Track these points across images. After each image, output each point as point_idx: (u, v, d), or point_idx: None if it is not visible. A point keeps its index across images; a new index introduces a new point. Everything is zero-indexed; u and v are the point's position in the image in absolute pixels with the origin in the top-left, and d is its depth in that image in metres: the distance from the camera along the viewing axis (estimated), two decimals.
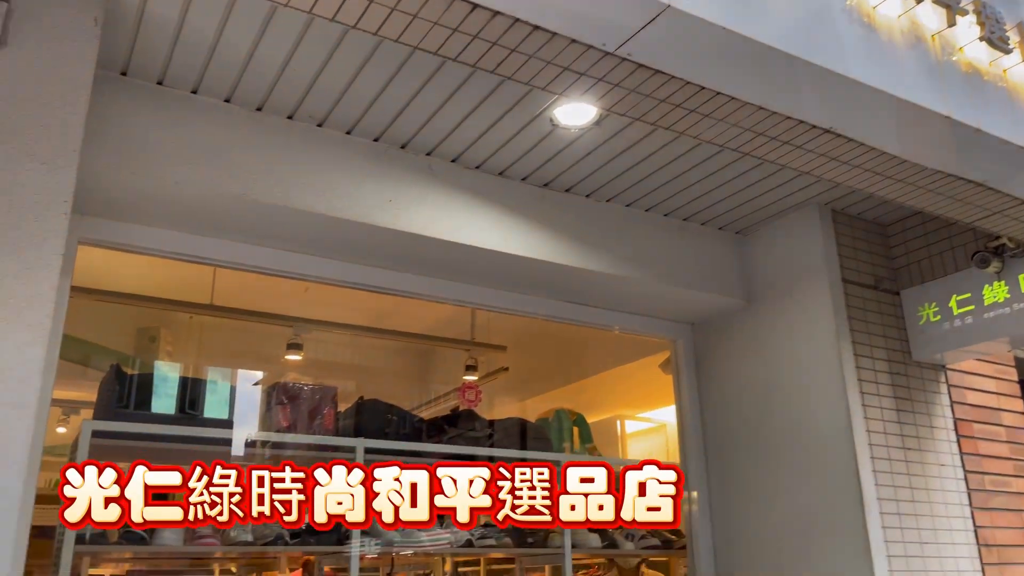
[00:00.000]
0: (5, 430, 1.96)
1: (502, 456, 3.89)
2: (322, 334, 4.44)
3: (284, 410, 3.44)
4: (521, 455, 3.92)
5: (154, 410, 3.28)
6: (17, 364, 2.01)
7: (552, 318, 3.92)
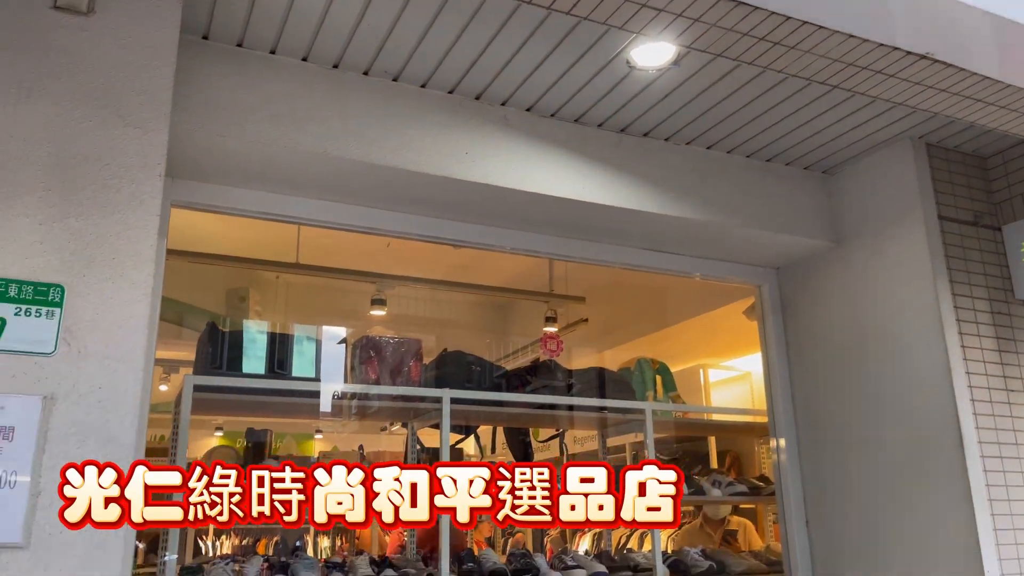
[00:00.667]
0: (116, 384, 2.07)
1: (585, 405, 3.91)
2: (404, 289, 4.52)
3: (371, 363, 3.53)
4: (604, 404, 3.93)
5: (245, 369, 3.40)
6: (124, 320, 2.11)
7: (632, 267, 3.88)
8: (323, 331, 3.71)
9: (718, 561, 4.00)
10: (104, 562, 1.95)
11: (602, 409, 3.93)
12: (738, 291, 4.42)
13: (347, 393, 3.52)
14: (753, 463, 5.52)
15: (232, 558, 3.30)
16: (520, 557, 3.71)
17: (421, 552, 3.81)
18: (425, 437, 3.98)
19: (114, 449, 2.02)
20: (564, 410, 3.95)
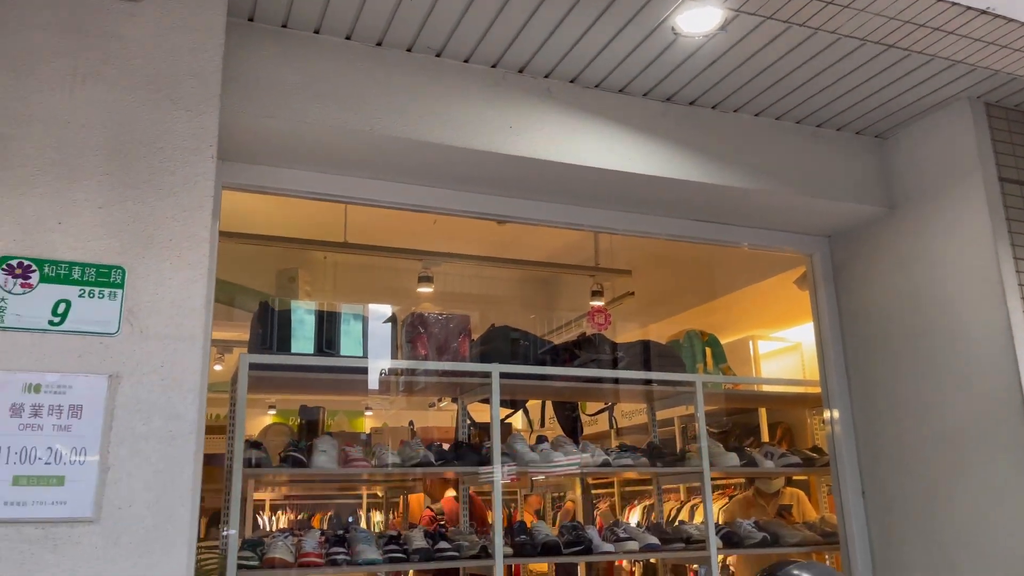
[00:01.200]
0: (177, 362, 2.13)
1: (634, 379, 3.90)
2: (450, 266, 4.54)
3: (420, 339, 3.56)
4: (654, 377, 3.91)
5: (295, 349, 3.44)
6: (182, 300, 2.16)
7: (679, 238, 3.84)
8: (371, 309, 3.74)
9: (771, 532, 3.98)
10: (171, 535, 2.01)
11: (651, 382, 3.91)
12: (789, 260, 4.34)
13: (396, 369, 3.56)
14: (805, 435, 5.46)
15: (290, 532, 3.37)
16: (572, 530, 3.73)
17: (473, 525, 3.86)
18: (475, 412, 4.01)
19: (178, 426, 2.08)
20: (612, 383, 3.94)
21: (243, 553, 3.18)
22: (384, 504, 6.05)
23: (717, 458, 3.93)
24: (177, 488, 2.04)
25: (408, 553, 3.36)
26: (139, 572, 1.96)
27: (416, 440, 3.62)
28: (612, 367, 3.87)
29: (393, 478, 5.49)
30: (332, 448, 3.41)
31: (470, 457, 3.57)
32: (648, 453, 3.93)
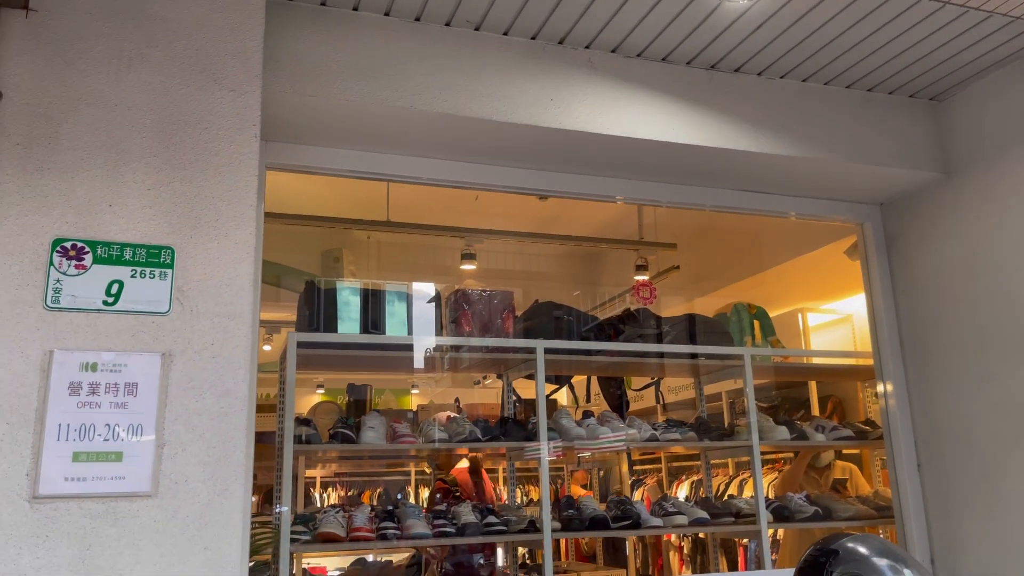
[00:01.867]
0: (227, 340, 2.16)
1: (681, 353, 3.85)
2: (493, 243, 4.53)
3: (465, 316, 3.56)
4: (701, 351, 3.86)
5: (341, 329, 3.47)
6: (231, 279, 2.19)
7: (725, 209, 3.77)
8: (415, 287, 3.75)
9: (823, 507, 3.92)
10: (226, 509, 2.05)
11: (698, 356, 3.86)
12: (839, 230, 4.24)
13: (441, 346, 3.57)
14: (857, 408, 5.36)
15: (341, 508, 3.43)
16: (620, 504, 3.72)
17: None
18: (520, 388, 4.01)
19: (229, 403, 2.11)
20: (658, 358, 3.90)
21: (296, 528, 3.24)
22: (432, 481, 6.11)
23: (767, 432, 3.88)
24: (230, 463, 2.07)
25: (457, 527, 3.39)
26: (197, 545, 2.00)
27: (462, 416, 3.64)
28: (658, 341, 3.83)
29: (440, 454, 5.55)
30: (380, 424, 3.44)
31: (516, 433, 3.57)
32: (696, 428, 3.89)
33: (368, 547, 3.24)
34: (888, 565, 2.03)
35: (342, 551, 4.90)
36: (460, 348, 3.57)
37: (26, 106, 2.11)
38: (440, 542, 3.41)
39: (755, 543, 5.93)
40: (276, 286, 4.32)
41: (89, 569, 1.90)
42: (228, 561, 2.00)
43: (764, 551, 3.64)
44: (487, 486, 4.43)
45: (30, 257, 2.03)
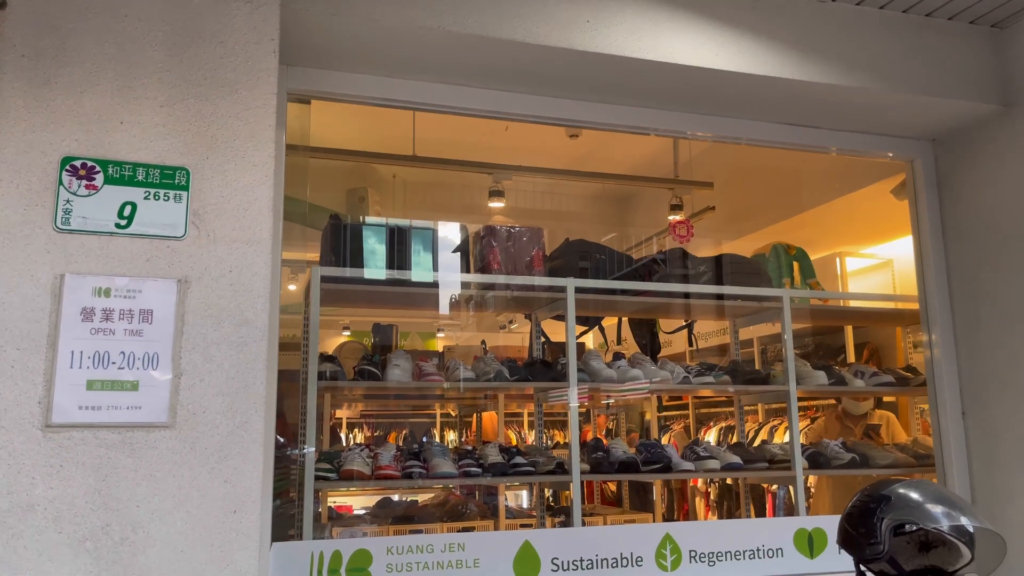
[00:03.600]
0: (245, 267, 2.06)
1: (717, 294, 3.71)
2: (522, 182, 4.38)
3: (493, 253, 3.44)
4: (738, 292, 3.72)
5: (367, 266, 3.36)
6: (248, 203, 2.08)
7: (768, 143, 3.59)
8: (441, 226, 3.63)
9: (860, 454, 3.81)
10: (246, 442, 1.97)
11: (735, 298, 3.72)
12: (885, 168, 4.04)
13: (469, 284, 3.46)
14: (895, 355, 5.20)
15: (367, 446, 3.38)
16: (650, 447, 3.63)
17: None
18: (548, 330, 3.90)
19: (248, 332, 2.02)
20: (693, 300, 3.75)
21: (320, 465, 3.20)
22: (458, 423, 6.09)
23: (804, 377, 3.75)
24: (250, 395, 1.99)
25: (484, 468, 3.32)
26: (217, 478, 1.93)
27: (490, 356, 3.54)
28: (694, 282, 3.69)
29: (466, 396, 5.49)
30: (406, 362, 3.36)
31: (544, 373, 3.48)
32: (730, 371, 3.77)
33: (393, 485, 3.19)
34: (943, 512, 1.91)
35: (368, 489, 4.90)
36: (488, 286, 3.45)
37: (31, 15, 1.98)
38: (465, 481, 3.35)
39: (783, 490, 5.84)
40: (302, 224, 4.20)
41: (105, 500, 1.84)
42: (248, 495, 1.93)
43: (799, 498, 3.54)
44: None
45: (38, 176, 1.93)
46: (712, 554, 3.21)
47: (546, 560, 3.03)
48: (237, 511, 1.92)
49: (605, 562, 3.09)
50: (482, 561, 2.95)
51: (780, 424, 6.05)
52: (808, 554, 3.34)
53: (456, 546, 2.94)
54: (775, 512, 5.99)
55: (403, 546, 2.88)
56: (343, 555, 2.81)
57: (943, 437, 3.55)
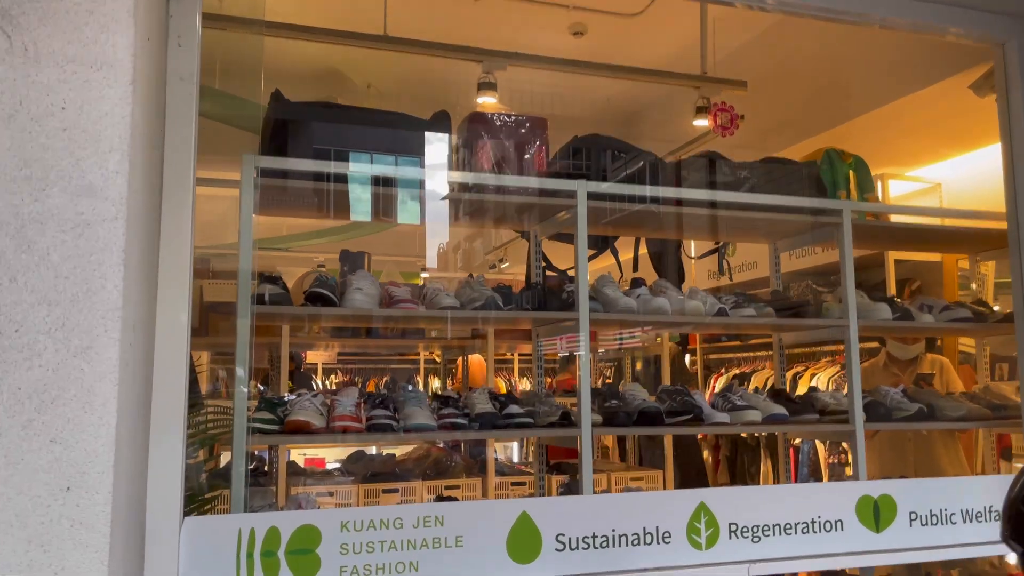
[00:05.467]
0: (90, 101, 1.30)
1: (767, 205, 2.96)
2: (519, 73, 3.59)
3: (483, 147, 2.68)
4: (792, 204, 2.98)
5: (319, 157, 2.58)
6: (98, 6, 1.31)
7: (819, 13, 2.81)
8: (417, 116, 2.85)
9: (927, 404, 3.13)
10: (87, 379, 1.25)
11: (786, 211, 2.97)
12: (961, 57, 3.30)
13: (451, 184, 2.71)
14: (940, 294, 4.53)
15: (321, 393, 2.67)
16: (675, 394, 2.94)
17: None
18: (548, 253, 3.18)
19: (93, 207, 1.27)
20: (732, 214, 2.99)
21: (259, 415, 2.49)
22: (442, 369, 5.40)
23: (863, 310, 3.05)
24: (96, 306, 1.25)
25: (470, 418, 2.62)
26: (37, 436, 1.21)
27: (479, 279, 2.81)
28: (735, 189, 2.95)
29: (452, 339, 4.78)
30: (371, 286, 2.63)
31: (547, 302, 2.76)
32: (773, 303, 3.06)
33: (355, 440, 2.51)
34: None
35: (335, 443, 4.21)
36: (476, 188, 2.69)
37: None
38: (447, 435, 2.66)
39: (808, 444, 5.20)
40: (230, 124, 3.35)
41: None
42: (91, 462, 1.21)
43: (859, 459, 2.87)
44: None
45: None
46: (756, 528, 2.54)
47: (549, 537, 2.34)
48: (72, 487, 1.21)
49: (624, 539, 2.41)
50: (467, 539, 2.26)
51: (804, 372, 5.39)
52: (874, 527, 2.67)
53: (433, 520, 2.25)
54: (798, 471, 5.37)
55: (362, 520, 2.18)
56: (282, 533, 2.11)
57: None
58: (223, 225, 3.40)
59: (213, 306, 3.97)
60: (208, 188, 2.87)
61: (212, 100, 2.32)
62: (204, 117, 1.91)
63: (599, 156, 2.84)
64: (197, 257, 1.81)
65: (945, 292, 4.64)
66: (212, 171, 3.02)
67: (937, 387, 3.79)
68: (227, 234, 3.42)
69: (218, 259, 3.94)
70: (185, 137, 1.74)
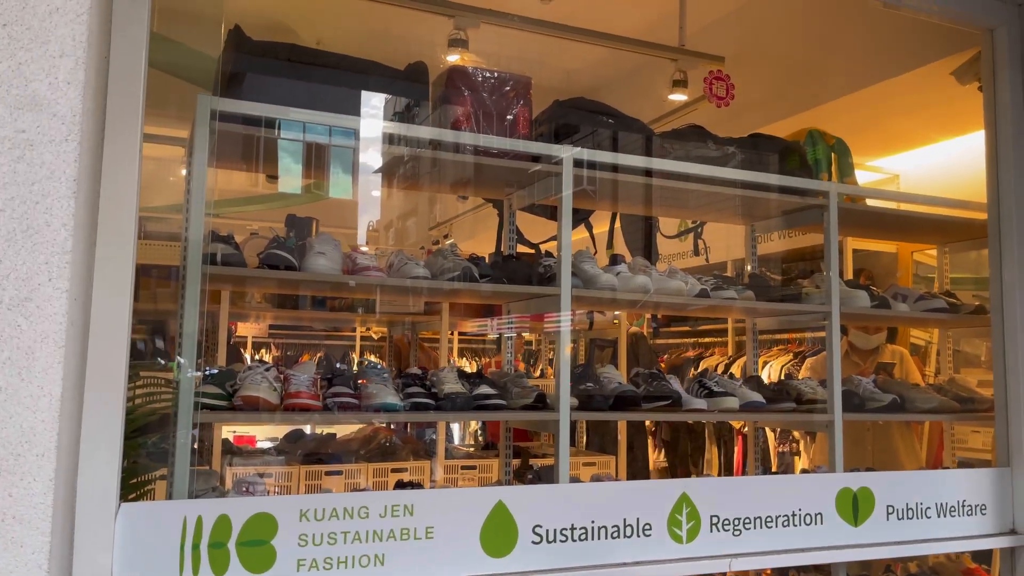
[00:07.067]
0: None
1: (757, 183, 2.83)
2: (492, 31, 3.36)
3: (463, 102, 2.45)
4: (782, 183, 2.85)
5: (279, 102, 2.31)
6: None
7: None
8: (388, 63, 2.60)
9: (899, 394, 3.07)
10: (27, 338, 1.00)
11: (768, 190, 2.84)
12: (943, 42, 3.24)
13: (423, 142, 2.47)
14: (899, 283, 4.52)
15: (273, 366, 2.42)
16: (650, 379, 2.79)
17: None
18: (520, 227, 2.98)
19: (38, 123, 1.01)
20: (714, 190, 2.84)
21: (206, 388, 2.23)
22: (388, 348, 5.13)
23: (842, 297, 2.95)
24: (38, 245, 1.00)
25: (438, 399, 2.41)
26: None
27: (451, 249, 2.60)
28: (720, 164, 2.80)
29: (396, 310, 4.53)
30: (334, 250, 2.38)
31: (523, 273, 2.57)
32: (752, 286, 2.95)
33: (314, 420, 2.27)
34: None
35: (273, 422, 3.94)
36: (450, 148, 2.46)
37: None
38: (416, 417, 2.45)
39: (761, 432, 5.16)
40: (177, 75, 3.00)
41: None
42: (30, 440, 0.96)
43: (836, 447, 2.78)
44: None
45: None
46: (737, 520, 2.43)
47: (525, 528, 2.17)
48: (4, 472, 0.95)
49: (603, 531, 2.26)
50: (438, 530, 2.07)
51: (744, 358, 5.34)
52: (852, 520, 2.59)
53: (402, 509, 2.04)
54: (744, 458, 5.33)
55: (323, 509, 1.97)
56: (233, 521, 1.88)
57: (1009, 379, 2.84)
58: (148, 187, 3.08)
59: (145, 269, 3.65)
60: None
61: (160, 48, 2.03)
62: (150, 66, 1.63)
63: (585, 119, 2.64)
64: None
65: (899, 283, 4.64)
66: (149, 126, 2.71)
67: (897, 377, 3.77)
68: (154, 197, 3.11)
69: (147, 222, 3.62)
70: (134, 65, 1.46)
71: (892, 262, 4.87)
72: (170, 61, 2.43)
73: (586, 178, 2.61)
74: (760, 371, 5.08)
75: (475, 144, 2.45)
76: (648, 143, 2.71)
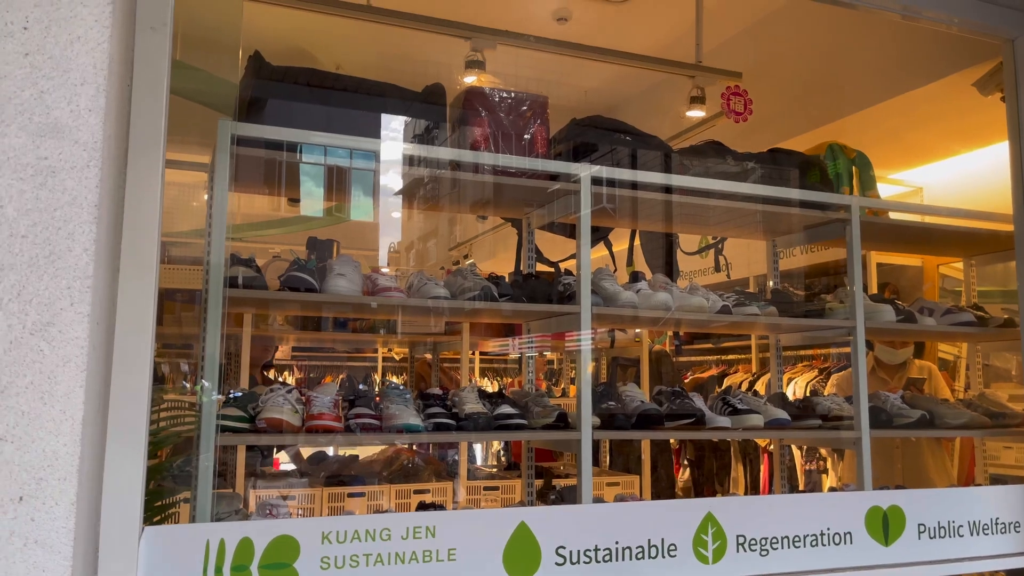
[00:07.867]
0: (54, 20, 1.06)
1: (770, 197, 2.81)
2: (509, 53, 3.39)
3: (481, 123, 2.46)
4: (803, 197, 2.83)
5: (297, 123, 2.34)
6: None
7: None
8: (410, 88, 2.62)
9: (928, 410, 3.02)
10: (49, 363, 1.01)
11: (789, 204, 2.82)
12: (963, 53, 3.21)
13: (444, 163, 2.48)
14: (925, 297, 4.46)
15: (295, 388, 2.43)
16: (674, 397, 2.77)
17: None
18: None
19: (60, 150, 1.03)
20: (734, 206, 2.82)
21: (227, 411, 2.23)
22: (410, 368, 5.14)
23: (867, 312, 2.92)
24: (61, 271, 1.01)
25: (459, 419, 2.40)
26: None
27: (470, 268, 2.60)
28: (741, 180, 2.79)
29: (417, 330, 4.54)
30: (354, 272, 2.39)
31: (543, 292, 2.56)
32: (775, 302, 2.92)
33: (336, 441, 2.28)
34: None
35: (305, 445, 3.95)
36: (468, 168, 2.47)
37: None
38: (438, 437, 2.44)
39: (787, 450, 5.10)
40: (199, 102, 3.04)
41: None
42: (52, 467, 0.97)
43: (864, 464, 2.73)
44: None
45: None
46: (764, 540, 2.38)
47: (548, 550, 2.14)
48: (26, 497, 0.96)
49: (628, 552, 2.23)
50: (460, 552, 2.05)
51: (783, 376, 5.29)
52: (883, 540, 2.54)
53: (424, 531, 2.03)
54: (769, 477, 5.26)
55: (346, 531, 1.96)
56: (255, 544, 1.87)
57: None
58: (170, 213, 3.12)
59: (168, 293, 3.70)
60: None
61: (181, 74, 2.06)
62: (172, 93, 1.66)
63: (602, 138, 2.65)
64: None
65: (925, 296, 4.58)
66: (171, 152, 2.74)
67: (926, 393, 3.71)
68: (176, 222, 3.15)
69: (170, 247, 3.67)
70: (156, 92, 1.48)
71: (918, 276, 4.81)
72: (191, 88, 2.47)
73: (605, 196, 2.60)
74: (785, 388, 5.03)
75: (494, 164, 2.45)
76: (667, 160, 2.70)
